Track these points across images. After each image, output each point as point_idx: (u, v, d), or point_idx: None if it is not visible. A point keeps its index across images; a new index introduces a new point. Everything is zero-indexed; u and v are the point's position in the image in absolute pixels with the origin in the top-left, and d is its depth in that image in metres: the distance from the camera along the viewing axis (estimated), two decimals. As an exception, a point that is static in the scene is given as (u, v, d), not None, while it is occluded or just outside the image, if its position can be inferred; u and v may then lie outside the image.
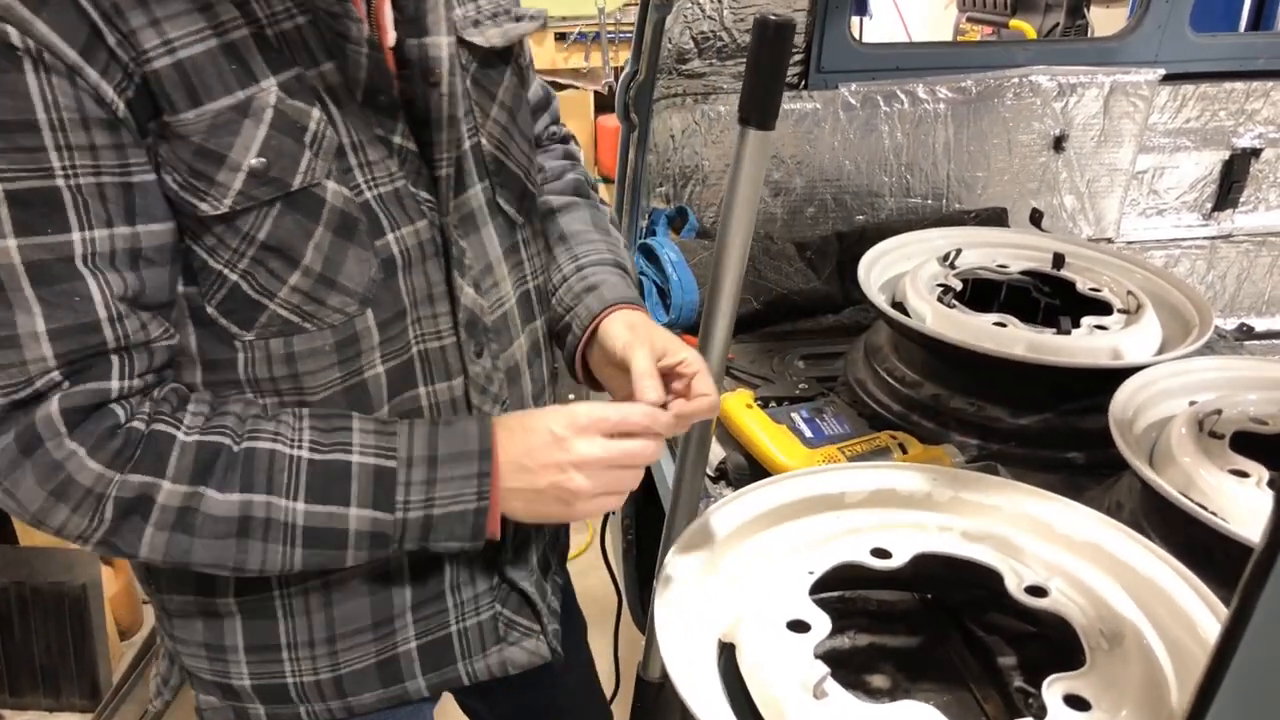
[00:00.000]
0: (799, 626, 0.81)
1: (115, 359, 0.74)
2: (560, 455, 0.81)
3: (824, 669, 0.75)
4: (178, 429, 0.77)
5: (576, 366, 1.01)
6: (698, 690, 0.77)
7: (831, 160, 1.87)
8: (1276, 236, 2.13)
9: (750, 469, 1.22)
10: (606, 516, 1.53)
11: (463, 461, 0.82)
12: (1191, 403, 1.16)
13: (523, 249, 0.98)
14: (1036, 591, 0.87)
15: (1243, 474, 1.00)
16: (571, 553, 1.20)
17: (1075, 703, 0.75)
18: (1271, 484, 0.98)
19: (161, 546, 0.77)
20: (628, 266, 1.05)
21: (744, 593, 0.87)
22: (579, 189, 1.11)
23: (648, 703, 1.15)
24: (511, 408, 0.95)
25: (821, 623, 0.81)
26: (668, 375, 0.89)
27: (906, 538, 0.93)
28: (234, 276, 0.77)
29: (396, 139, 0.82)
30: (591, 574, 1.90)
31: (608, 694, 1.43)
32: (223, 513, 0.77)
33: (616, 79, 2.61)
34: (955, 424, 1.31)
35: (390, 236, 0.82)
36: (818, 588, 0.86)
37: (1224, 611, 0.80)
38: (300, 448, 0.79)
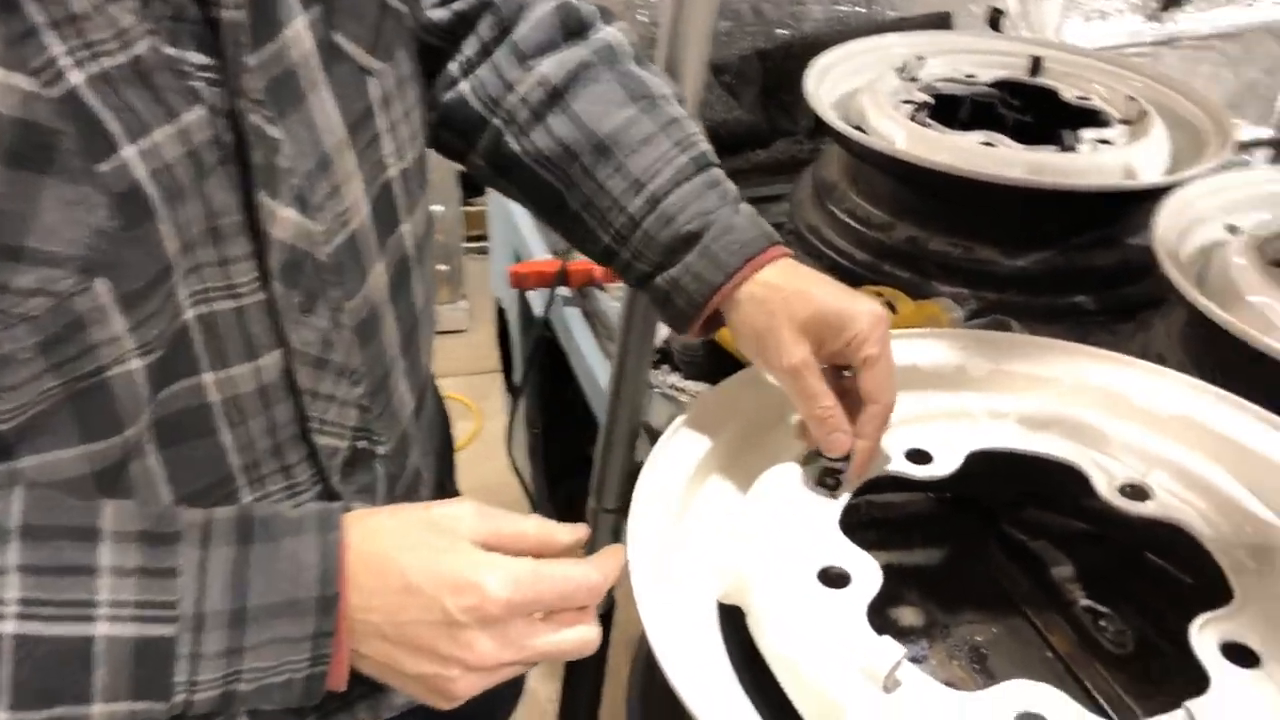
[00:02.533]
0: (836, 579, 0.57)
1: None
2: (449, 648, 0.51)
3: (897, 650, 0.51)
4: None
5: (691, 330, 0.68)
6: (701, 688, 0.52)
7: (746, -39, 1.56)
8: (1221, 39, 1.94)
9: (703, 351, 0.96)
10: (513, 414, 1.25)
11: (288, 617, 0.50)
12: (1229, 227, 0.95)
13: (378, 114, 0.60)
14: (1135, 492, 0.64)
15: (1331, 311, 0.80)
16: (458, 442, 0.90)
17: (1238, 655, 0.53)
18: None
19: None
20: (711, 158, 0.68)
21: (747, 532, 0.62)
22: (577, 28, 0.69)
23: (592, 670, 0.91)
24: (365, 379, 0.61)
25: (868, 571, 0.57)
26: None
27: (950, 432, 0.69)
28: None
29: None
30: (483, 464, 1.63)
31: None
32: None
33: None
34: (937, 271, 1.07)
35: (130, 151, 0.46)
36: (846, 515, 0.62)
37: None
38: (3, 617, 0.45)
